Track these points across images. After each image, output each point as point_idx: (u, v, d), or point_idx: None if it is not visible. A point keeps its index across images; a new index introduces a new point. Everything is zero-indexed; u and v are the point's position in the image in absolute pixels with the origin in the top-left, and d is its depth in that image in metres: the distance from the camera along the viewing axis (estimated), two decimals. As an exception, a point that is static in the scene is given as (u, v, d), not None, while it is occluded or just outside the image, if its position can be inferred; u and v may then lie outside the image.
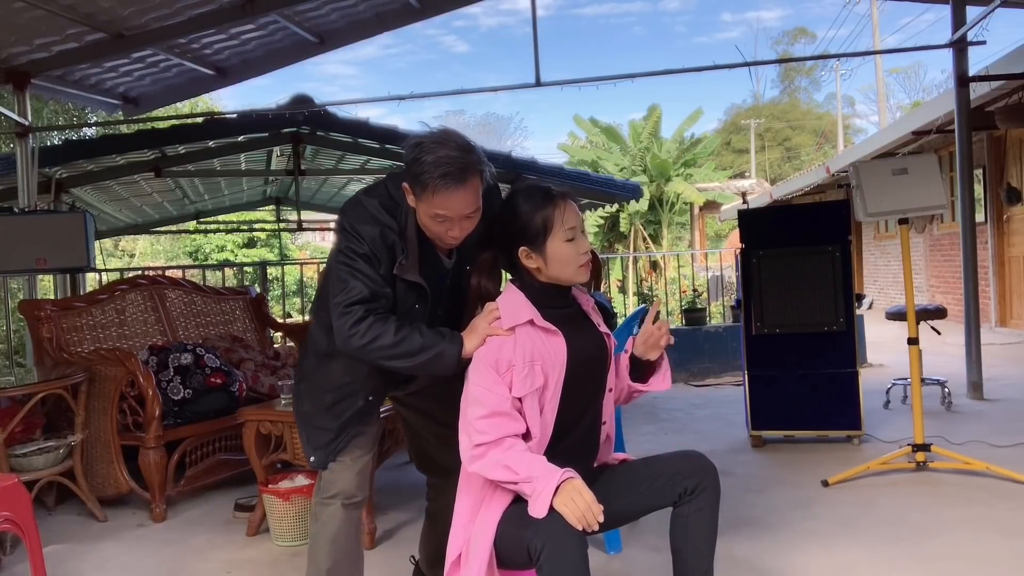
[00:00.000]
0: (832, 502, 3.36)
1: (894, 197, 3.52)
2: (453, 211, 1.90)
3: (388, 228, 1.97)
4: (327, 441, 2.13)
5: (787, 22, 51.73)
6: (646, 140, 19.65)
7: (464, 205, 1.90)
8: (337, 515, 2.15)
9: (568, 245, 1.86)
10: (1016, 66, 5.99)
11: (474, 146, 1.93)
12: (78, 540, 3.37)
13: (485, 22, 52.72)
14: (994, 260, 8.79)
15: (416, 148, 1.89)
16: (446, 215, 1.90)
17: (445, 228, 1.93)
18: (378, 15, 6.02)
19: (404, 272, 1.98)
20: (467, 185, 1.88)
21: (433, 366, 1.92)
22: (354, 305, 1.92)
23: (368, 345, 1.91)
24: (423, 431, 2.33)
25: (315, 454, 2.15)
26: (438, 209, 1.89)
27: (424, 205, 1.91)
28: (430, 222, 1.94)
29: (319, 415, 2.14)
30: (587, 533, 1.64)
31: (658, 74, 5.87)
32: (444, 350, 1.89)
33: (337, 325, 1.94)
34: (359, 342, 1.91)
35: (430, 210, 1.90)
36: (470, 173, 1.88)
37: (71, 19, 4.73)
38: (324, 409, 2.13)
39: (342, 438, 2.13)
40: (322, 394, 2.14)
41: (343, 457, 2.14)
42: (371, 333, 1.90)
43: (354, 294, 1.92)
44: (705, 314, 7.51)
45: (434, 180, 1.85)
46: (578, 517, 1.61)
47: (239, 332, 5.03)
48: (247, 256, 19.85)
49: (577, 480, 1.67)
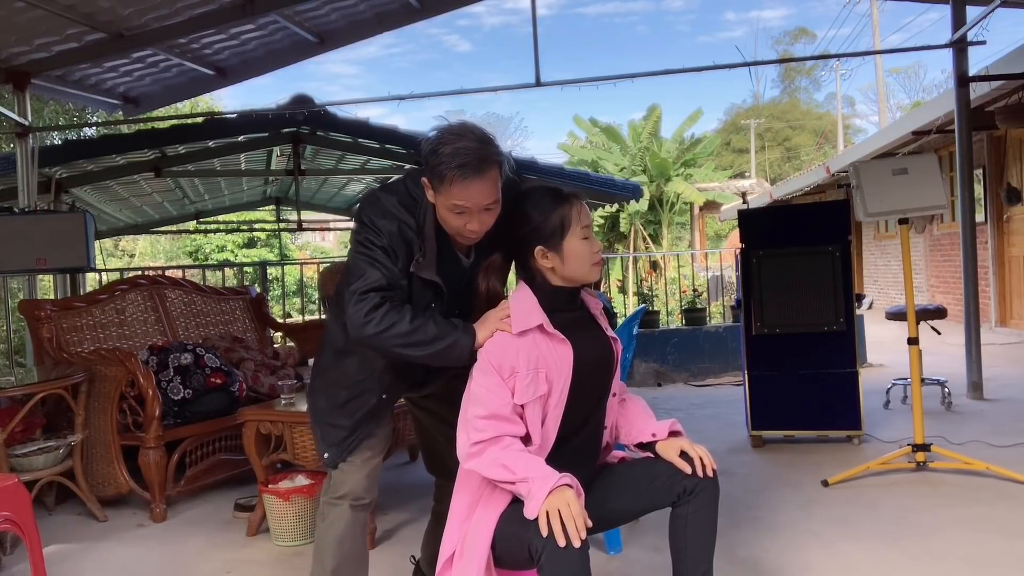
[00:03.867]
0: (832, 502, 3.36)
1: (894, 197, 3.51)
2: (471, 202, 1.88)
3: (406, 225, 1.95)
4: (341, 439, 2.13)
5: (790, 21, 51.75)
6: (646, 140, 19.64)
7: (482, 196, 1.88)
8: (344, 516, 2.15)
9: (584, 243, 1.88)
10: (1016, 66, 5.99)
11: (492, 138, 1.92)
12: (78, 540, 3.36)
13: (488, 21, 52.78)
14: (994, 260, 8.79)
15: (434, 140, 1.88)
16: (464, 206, 1.88)
17: (464, 221, 1.91)
18: (378, 15, 6.03)
19: (421, 270, 1.97)
20: (485, 176, 1.87)
21: (446, 356, 1.90)
22: (370, 292, 1.90)
23: (383, 332, 1.89)
24: (435, 433, 2.32)
25: (328, 451, 2.15)
26: (456, 200, 1.87)
27: (443, 197, 1.90)
28: (449, 215, 1.92)
29: (333, 412, 2.14)
30: (587, 534, 1.64)
31: (658, 74, 5.88)
32: (458, 339, 1.88)
33: (352, 312, 1.92)
34: (373, 329, 1.89)
35: (448, 202, 1.89)
36: (488, 164, 1.87)
37: (71, 19, 4.73)
38: (338, 406, 2.13)
39: (355, 436, 2.12)
40: (337, 391, 2.13)
41: (354, 457, 2.14)
42: (386, 321, 1.89)
43: (371, 281, 1.91)
44: (705, 314, 7.51)
45: (452, 171, 1.84)
46: (558, 531, 1.58)
47: (239, 332, 5.03)
48: (247, 256, 19.86)
49: (569, 491, 1.64)
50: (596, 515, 1.86)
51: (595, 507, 1.88)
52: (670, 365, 6.97)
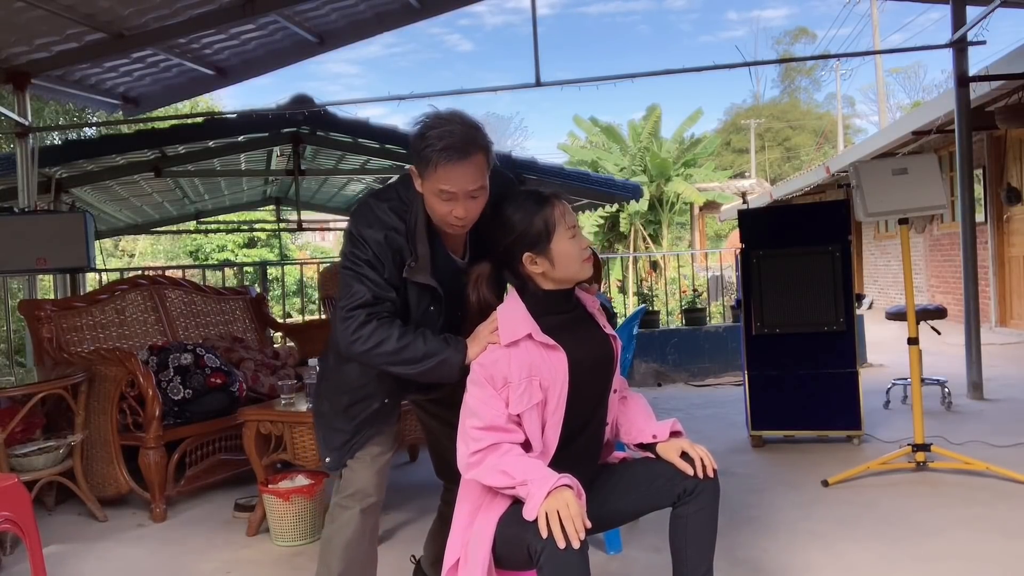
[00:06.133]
0: (832, 502, 3.36)
1: (894, 197, 3.51)
2: (457, 186, 1.86)
3: (395, 231, 1.95)
4: (342, 443, 2.11)
5: (792, 21, 51.74)
6: (646, 140, 19.64)
7: (467, 180, 1.87)
8: (354, 520, 2.12)
9: (572, 242, 1.87)
10: (1016, 66, 5.99)
11: (480, 125, 1.91)
12: (78, 540, 3.36)
13: (490, 21, 52.78)
14: (994, 260, 8.79)
15: (422, 125, 1.89)
16: (450, 191, 1.87)
17: (449, 208, 1.90)
18: (378, 15, 6.02)
19: (415, 275, 1.96)
20: (471, 159, 1.86)
21: (435, 373, 1.91)
22: (356, 310, 1.91)
23: (371, 351, 1.90)
24: (442, 437, 2.31)
25: (330, 455, 2.14)
26: (442, 185, 1.86)
27: (429, 183, 1.89)
28: (435, 202, 1.91)
29: (336, 416, 2.13)
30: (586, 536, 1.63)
31: (658, 74, 5.87)
32: (448, 358, 1.88)
33: (340, 330, 1.93)
34: (361, 347, 1.91)
35: (435, 187, 1.88)
36: (474, 148, 1.87)
37: (71, 19, 4.73)
38: (340, 411, 2.12)
39: (357, 439, 2.11)
40: (339, 395, 2.12)
41: (361, 454, 2.12)
42: (374, 339, 1.89)
43: (356, 298, 1.91)
44: (705, 314, 7.51)
45: (437, 153, 1.84)
46: (557, 532, 1.58)
47: (239, 332, 5.03)
48: (247, 256, 19.86)
49: (568, 491, 1.64)
50: (596, 515, 1.86)
51: (595, 507, 1.88)
52: (670, 365, 6.97)
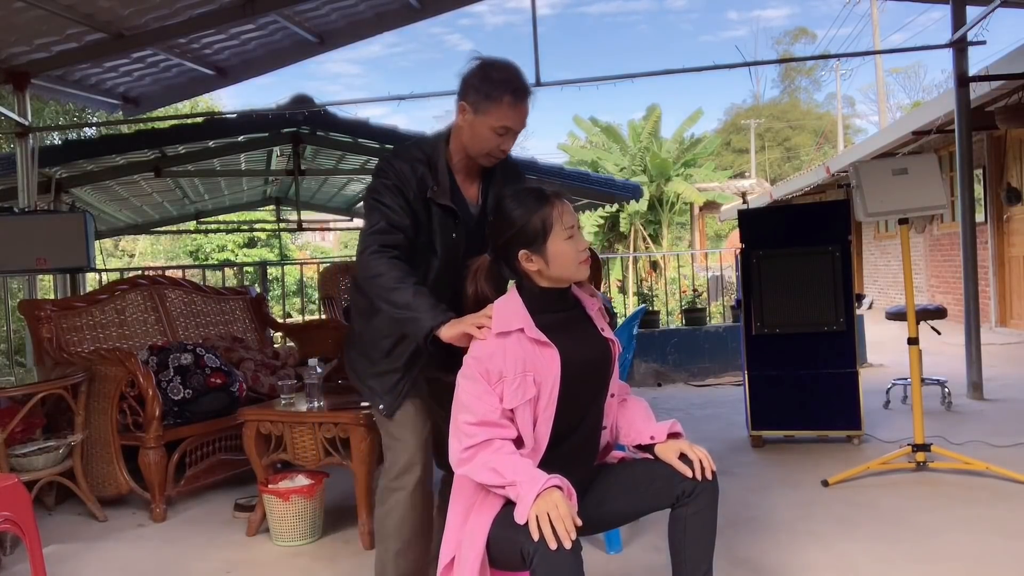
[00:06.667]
0: (832, 502, 3.36)
1: (894, 197, 3.51)
2: (516, 124, 2.11)
3: (419, 161, 2.15)
4: (394, 383, 2.20)
5: (792, 21, 51.78)
6: (646, 140, 19.65)
7: (524, 119, 2.13)
8: (402, 503, 2.22)
9: (568, 243, 1.86)
10: (1016, 66, 5.99)
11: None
12: (78, 540, 3.36)
13: (491, 20, 52.82)
14: (994, 260, 8.79)
15: (483, 67, 2.10)
16: (510, 127, 2.11)
17: (499, 142, 2.12)
18: (378, 15, 6.03)
19: (437, 197, 2.14)
20: (528, 102, 2.13)
21: (405, 327, 2.04)
22: (372, 235, 2.09)
23: (370, 277, 2.06)
24: (444, 427, 2.33)
25: (383, 400, 2.22)
26: (506, 122, 2.09)
27: (489, 118, 2.09)
28: (490, 135, 2.11)
29: (379, 363, 2.22)
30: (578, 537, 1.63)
31: (658, 74, 5.87)
32: (420, 318, 1.95)
33: (358, 251, 2.13)
34: (363, 272, 2.09)
35: (496, 123, 2.09)
36: (529, 93, 2.14)
37: (71, 19, 4.73)
38: (382, 357, 2.21)
39: (407, 378, 2.20)
40: (376, 346, 2.23)
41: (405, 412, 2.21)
42: (377, 269, 2.05)
43: (373, 224, 2.10)
44: (705, 314, 7.51)
45: (507, 94, 2.07)
46: (548, 534, 1.57)
47: (239, 332, 5.03)
48: (247, 256, 19.88)
49: (557, 492, 1.63)
50: (595, 516, 1.86)
51: (594, 508, 1.89)
52: (670, 365, 6.97)
